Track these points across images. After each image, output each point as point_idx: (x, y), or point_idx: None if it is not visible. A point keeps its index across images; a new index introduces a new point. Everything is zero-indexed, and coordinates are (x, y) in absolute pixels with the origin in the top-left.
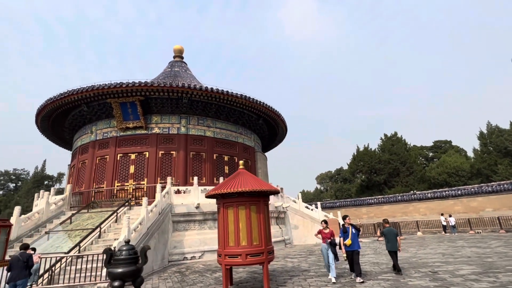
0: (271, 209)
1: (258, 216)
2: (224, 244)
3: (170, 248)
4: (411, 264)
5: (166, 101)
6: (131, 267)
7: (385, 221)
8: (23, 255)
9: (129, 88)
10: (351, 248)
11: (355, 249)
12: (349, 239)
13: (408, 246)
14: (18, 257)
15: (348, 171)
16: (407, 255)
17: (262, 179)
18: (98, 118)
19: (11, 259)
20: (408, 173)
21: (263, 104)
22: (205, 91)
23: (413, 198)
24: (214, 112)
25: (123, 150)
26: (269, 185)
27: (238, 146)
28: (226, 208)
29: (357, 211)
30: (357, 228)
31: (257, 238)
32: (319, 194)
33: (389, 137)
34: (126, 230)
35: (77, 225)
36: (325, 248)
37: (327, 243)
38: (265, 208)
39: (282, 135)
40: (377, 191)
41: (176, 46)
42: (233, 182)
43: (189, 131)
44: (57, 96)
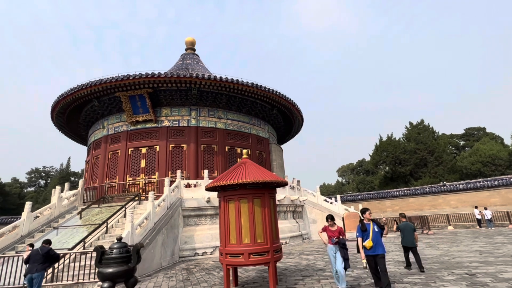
0: (286, 203)
1: (263, 211)
2: (225, 241)
3: (180, 243)
4: (443, 264)
5: (175, 92)
6: (122, 267)
7: (401, 215)
8: (43, 249)
9: (136, 80)
10: (372, 252)
11: (379, 253)
12: (370, 239)
13: (439, 242)
14: (38, 251)
15: (370, 162)
16: (438, 252)
17: (278, 172)
18: (110, 113)
19: (30, 252)
20: (437, 163)
21: (276, 92)
22: (214, 80)
23: (443, 189)
24: (225, 103)
25: (134, 144)
26: (275, 176)
27: (251, 138)
28: (227, 202)
29: (381, 204)
30: (381, 226)
31: (261, 235)
32: (340, 187)
33: (415, 125)
34: (129, 226)
35: (86, 220)
36: (332, 251)
37: (333, 244)
38: (271, 201)
39: (298, 126)
40: (402, 183)
41: (187, 38)
42: (235, 173)
43: (200, 123)
44: (67, 91)
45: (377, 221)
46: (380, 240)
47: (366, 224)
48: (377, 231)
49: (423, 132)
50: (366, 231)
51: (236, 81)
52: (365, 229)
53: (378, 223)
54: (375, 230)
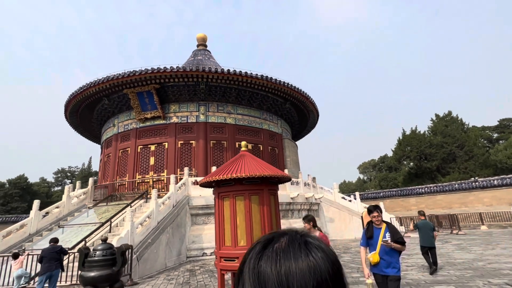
0: (300, 201)
1: (261, 209)
2: (219, 243)
3: (188, 243)
4: (477, 271)
5: (183, 88)
6: (105, 271)
7: (420, 213)
8: (55, 247)
9: (142, 76)
10: (379, 271)
11: (390, 274)
12: (376, 252)
13: (471, 244)
14: (50, 249)
15: (393, 158)
16: (470, 256)
17: (292, 168)
18: (120, 111)
19: (43, 251)
20: (467, 158)
21: (288, 85)
22: (221, 73)
23: (474, 186)
24: (234, 97)
25: (143, 142)
26: (275, 170)
27: (263, 133)
28: (222, 199)
29: (405, 201)
30: (396, 231)
31: (259, 235)
32: (362, 185)
33: (442, 118)
34: (129, 225)
35: (92, 218)
36: None
37: None
38: (271, 198)
39: (313, 120)
40: (428, 179)
41: (199, 34)
42: (231, 167)
43: (209, 119)
44: (77, 90)
45: (394, 227)
46: (393, 254)
47: (375, 228)
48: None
49: (451, 124)
50: (372, 239)
51: (245, 73)
52: (371, 236)
53: (395, 230)
54: (386, 238)
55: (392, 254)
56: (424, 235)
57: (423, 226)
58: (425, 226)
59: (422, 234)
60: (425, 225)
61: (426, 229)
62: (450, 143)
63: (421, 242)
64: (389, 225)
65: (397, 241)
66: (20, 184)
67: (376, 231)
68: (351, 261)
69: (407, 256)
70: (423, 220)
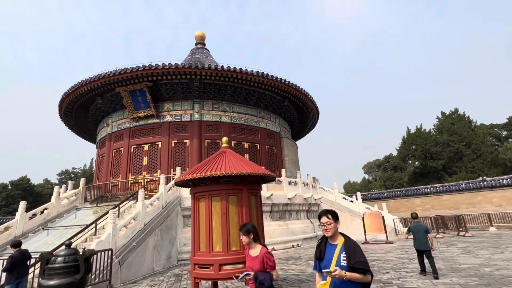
0: (299, 201)
1: (240, 211)
2: (194, 249)
3: (179, 245)
4: (483, 279)
5: (177, 85)
6: (66, 279)
7: (413, 216)
8: (25, 253)
9: (133, 74)
10: None
11: None
12: (327, 283)
13: (478, 248)
14: (20, 255)
15: (397, 157)
16: (476, 261)
17: (291, 168)
18: (114, 110)
19: (13, 258)
20: (475, 156)
21: (285, 81)
22: (215, 70)
23: (483, 185)
24: (230, 95)
25: (136, 141)
26: (256, 168)
27: (260, 132)
28: (198, 200)
29: (409, 202)
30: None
31: (237, 241)
32: (366, 185)
33: (448, 115)
34: (110, 227)
35: (80, 220)
36: None
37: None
38: (252, 199)
39: (314, 119)
40: (434, 179)
41: (197, 32)
42: (210, 165)
43: (203, 117)
44: (69, 89)
45: (354, 245)
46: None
47: (328, 245)
48: (345, 266)
49: (457, 122)
50: (323, 261)
51: (240, 70)
52: (321, 256)
53: (354, 249)
54: (341, 262)
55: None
56: (418, 238)
57: (415, 228)
58: (418, 229)
59: (415, 237)
60: (418, 227)
61: (419, 231)
62: (456, 141)
63: (415, 245)
64: (348, 241)
65: (353, 268)
66: (23, 185)
67: (329, 250)
68: None
69: (408, 261)
70: (416, 222)
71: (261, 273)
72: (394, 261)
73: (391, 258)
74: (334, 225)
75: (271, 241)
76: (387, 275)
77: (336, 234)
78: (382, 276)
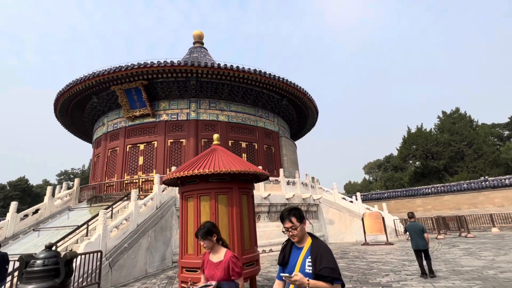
0: (297, 202)
1: (230, 211)
2: (182, 251)
3: (174, 247)
4: (487, 282)
5: (173, 84)
6: (46, 283)
7: (409, 216)
8: (4, 256)
9: (128, 72)
10: None
11: None
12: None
13: (480, 249)
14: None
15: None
16: (479, 263)
17: (290, 167)
18: (109, 109)
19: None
20: (476, 156)
21: (283, 80)
22: (212, 67)
23: (485, 185)
24: (227, 94)
25: (132, 141)
26: (247, 166)
27: (258, 131)
28: (186, 199)
29: (410, 202)
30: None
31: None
32: (367, 185)
33: (449, 115)
34: (100, 228)
35: (73, 221)
36: None
37: None
38: (243, 198)
39: (313, 119)
40: (436, 179)
41: (195, 31)
42: (199, 163)
43: (200, 116)
44: (64, 88)
45: (322, 248)
46: None
47: (294, 248)
48: (310, 273)
49: (458, 121)
50: (287, 266)
51: (237, 68)
52: (284, 261)
53: (322, 253)
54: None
55: None
56: (414, 238)
57: (411, 228)
58: (413, 229)
59: (411, 237)
60: (413, 227)
61: (415, 231)
62: (458, 141)
63: (412, 245)
64: (315, 243)
65: (319, 276)
66: (21, 186)
67: (294, 254)
68: (346, 268)
69: (408, 263)
70: (412, 222)
71: (225, 282)
72: (394, 263)
73: (391, 260)
74: (300, 228)
75: (269, 242)
76: (386, 278)
77: (304, 236)
78: (382, 279)
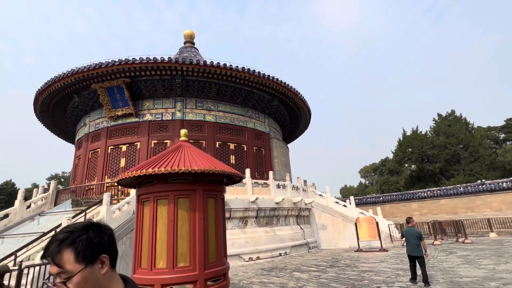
0: (287, 206)
1: (192, 217)
2: (135, 265)
3: None
4: None
5: (158, 82)
6: None
7: (407, 220)
8: None
9: (109, 69)
10: None
11: None
12: None
13: (479, 256)
14: None
15: (393, 160)
16: (479, 273)
17: (281, 170)
18: (92, 109)
19: None
20: (473, 159)
21: (273, 79)
22: (197, 65)
23: (482, 189)
24: (215, 93)
25: (114, 142)
26: (216, 164)
27: (248, 132)
28: (143, 203)
29: (406, 206)
30: None
31: (186, 256)
32: (363, 189)
33: (445, 117)
34: None
35: (43, 227)
36: None
37: None
38: (209, 203)
39: (306, 120)
40: (432, 183)
41: (186, 31)
42: (161, 161)
43: (186, 116)
44: (43, 86)
45: None
46: None
47: None
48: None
49: (454, 124)
50: None
51: (224, 65)
52: None
53: None
54: None
55: None
56: (409, 243)
57: (407, 234)
58: (410, 234)
59: (407, 243)
60: (410, 232)
61: (410, 237)
62: (454, 143)
63: (407, 251)
64: None
65: None
66: (7, 190)
67: None
68: (335, 279)
69: (403, 272)
70: (409, 227)
71: None
72: (388, 272)
73: (384, 269)
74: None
75: (256, 249)
76: None
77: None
78: None
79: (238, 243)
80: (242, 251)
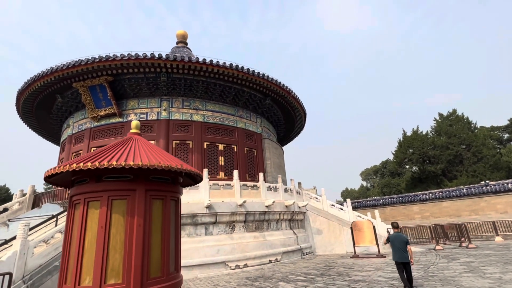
0: (278, 209)
1: (129, 223)
2: (60, 280)
3: None
4: None
5: (142, 80)
6: None
7: (393, 225)
8: None
9: (89, 66)
10: None
11: None
12: None
13: (484, 263)
14: None
15: (394, 161)
16: (485, 283)
17: (274, 172)
18: (76, 110)
19: None
20: (476, 160)
21: (264, 76)
22: (182, 61)
23: (486, 190)
24: (203, 92)
25: (97, 143)
26: (166, 159)
27: (238, 132)
28: (74, 207)
29: (407, 209)
30: None
31: (118, 270)
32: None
33: (446, 117)
34: (18, 244)
35: (11, 233)
36: None
37: None
38: (155, 206)
39: (301, 121)
40: (433, 184)
41: (179, 31)
42: (105, 154)
43: (172, 116)
44: (23, 85)
45: None
46: None
47: None
48: None
49: (456, 123)
50: None
51: (210, 62)
52: None
53: None
54: None
55: None
56: (395, 249)
57: (394, 239)
58: (397, 240)
59: (393, 249)
60: (396, 238)
61: (398, 242)
62: (456, 143)
63: (393, 257)
64: None
65: None
66: (1, 195)
67: None
68: None
69: (398, 282)
70: (396, 232)
71: None
72: (382, 283)
73: (379, 278)
74: None
75: (244, 256)
76: None
77: None
78: None
79: (224, 249)
80: (228, 258)
